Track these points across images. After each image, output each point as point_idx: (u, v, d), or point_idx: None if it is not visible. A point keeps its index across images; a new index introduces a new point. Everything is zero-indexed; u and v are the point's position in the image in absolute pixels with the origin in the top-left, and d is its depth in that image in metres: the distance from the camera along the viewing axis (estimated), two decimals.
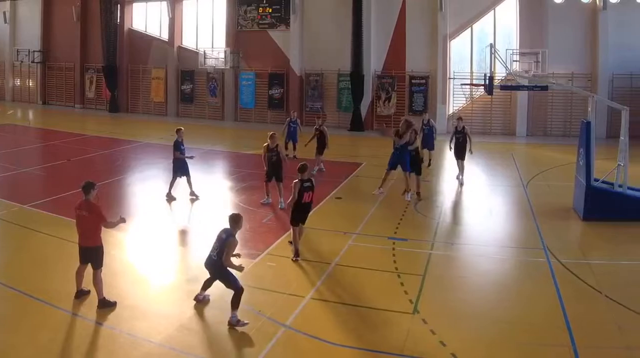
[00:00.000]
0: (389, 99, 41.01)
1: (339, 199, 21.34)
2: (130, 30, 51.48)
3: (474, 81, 38.53)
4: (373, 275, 14.22)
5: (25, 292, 12.59)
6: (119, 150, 31.89)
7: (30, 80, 56.83)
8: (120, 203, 20.99)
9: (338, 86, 42.36)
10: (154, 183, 23.14)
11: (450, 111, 40.22)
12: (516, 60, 36.00)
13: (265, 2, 44.79)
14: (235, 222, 11.70)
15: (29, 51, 54.52)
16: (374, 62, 41.21)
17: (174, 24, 48.39)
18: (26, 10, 55.93)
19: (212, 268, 11.60)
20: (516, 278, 14.54)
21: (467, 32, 40.23)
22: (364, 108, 41.24)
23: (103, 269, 12.16)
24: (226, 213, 19.76)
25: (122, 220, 12.33)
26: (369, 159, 29.38)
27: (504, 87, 26.75)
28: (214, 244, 11.60)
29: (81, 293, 12.37)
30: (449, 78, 40.11)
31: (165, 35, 49.50)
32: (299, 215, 15.19)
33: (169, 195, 21.04)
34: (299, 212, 15.18)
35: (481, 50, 39.33)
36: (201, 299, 12.18)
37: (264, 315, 11.70)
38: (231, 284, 11.37)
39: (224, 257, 11.25)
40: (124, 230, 17.24)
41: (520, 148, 34.96)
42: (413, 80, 40.49)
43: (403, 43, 40.88)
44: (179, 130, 21.33)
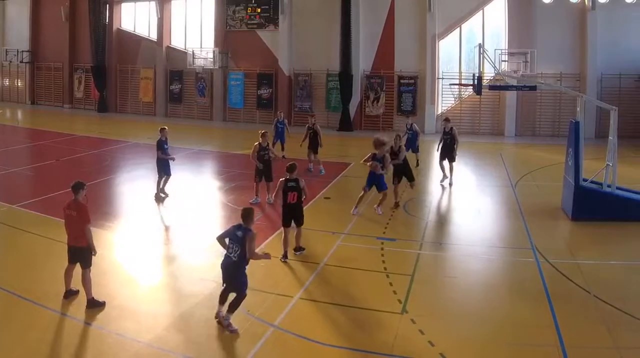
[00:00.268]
0: (378, 99, 41.03)
1: (327, 199, 21.35)
2: (119, 30, 51.25)
3: (463, 81, 38.47)
4: (362, 275, 14.25)
5: (14, 292, 12.56)
6: (107, 150, 31.80)
7: (19, 80, 56.48)
8: (109, 203, 21.02)
9: (327, 86, 42.33)
10: (142, 183, 23.07)
11: (439, 111, 40.22)
12: (505, 60, 35.92)
13: (253, 2, 44.69)
14: (249, 216, 11.35)
15: (18, 51, 54.17)
16: (362, 62, 41.21)
17: (163, 24, 48.22)
18: (15, 10, 55.61)
19: (230, 269, 11.14)
20: (505, 278, 14.61)
21: (456, 32, 40.28)
22: (352, 108, 41.19)
23: (92, 269, 12.13)
24: (215, 213, 20.05)
25: (94, 252, 12.19)
26: (358, 159, 29.02)
27: (492, 87, 26.77)
28: (230, 245, 11.22)
29: (70, 293, 12.37)
30: (438, 78, 40.13)
31: (154, 35, 49.35)
32: (285, 216, 15.17)
33: (158, 195, 21.07)
34: (285, 213, 15.18)
35: (470, 50, 39.34)
36: (222, 316, 11.33)
37: (252, 315, 11.70)
38: (240, 287, 11.16)
39: (248, 252, 10.98)
40: (112, 230, 17.36)
41: (509, 148, 35.03)
42: (402, 80, 40.53)
43: (392, 43, 40.89)
44: (162, 130, 21.38)
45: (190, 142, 33.98)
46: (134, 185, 23.61)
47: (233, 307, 11.07)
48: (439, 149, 24.18)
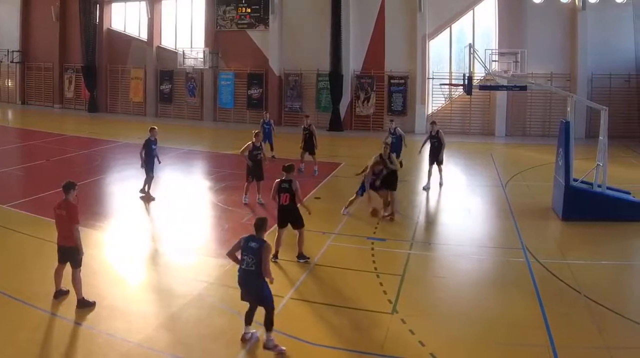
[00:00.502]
0: (368, 99, 41.10)
1: (317, 199, 21.30)
2: (109, 30, 51.12)
3: (453, 81, 38.63)
4: (352, 275, 14.25)
5: (4, 291, 12.50)
6: (97, 150, 31.66)
7: (9, 80, 56.26)
8: (99, 203, 20.96)
9: (317, 86, 42.38)
10: (132, 183, 22.94)
11: (430, 111, 40.33)
12: (495, 60, 35.92)
13: (244, 2, 44.69)
14: (262, 226, 10.73)
15: (8, 51, 54.01)
16: (353, 62, 41.25)
17: (153, 24, 48.14)
18: (5, 10, 55.23)
19: (251, 280, 10.41)
20: (495, 278, 14.60)
21: (446, 32, 40.39)
22: (343, 108, 41.26)
23: (82, 269, 12.12)
24: (205, 213, 19.98)
25: (82, 253, 12.17)
26: (348, 159, 29.36)
27: (483, 87, 26.82)
28: (244, 257, 10.45)
29: (60, 293, 12.34)
30: (428, 78, 40.21)
31: (144, 35, 49.27)
32: (279, 217, 15.05)
33: (148, 194, 21.11)
34: (279, 214, 15.06)
35: (460, 50, 39.45)
36: (248, 338, 10.74)
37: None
38: (266, 300, 10.46)
39: (262, 267, 10.30)
40: (103, 230, 17.30)
41: (499, 148, 35.11)
42: (392, 80, 40.63)
43: (382, 43, 40.96)
44: (152, 129, 21.36)
45: (180, 142, 33.94)
46: (124, 185, 23.50)
47: (268, 325, 10.42)
48: (420, 151, 24.13)
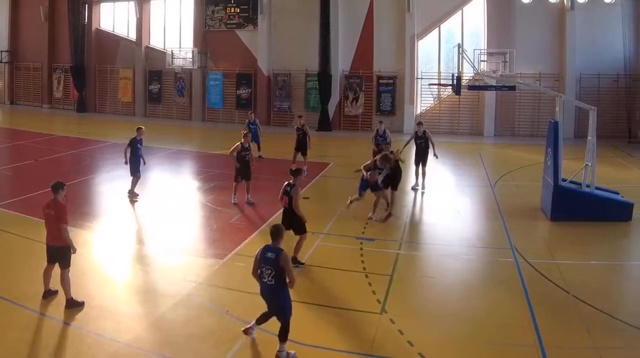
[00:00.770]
0: (357, 99, 41.08)
1: (306, 199, 21.19)
2: (98, 30, 50.96)
3: (442, 81, 38.74)
4: (341, 275, 14.24)
5: None
6: (86, 150, 31.57)
7: None
8: (88, 203, 20.90)
9: (306, 86, 42.37)
10: (121, 183, 22.79)
11: (418, 111, 40.35)
12: (484, 61, 36.13)
13: (233, 2, 44.63)
14: (279, 234, 10.54)
15: None
16: (341, 62, 41.26)
17: (142, 24, 48.01)
18: None
19: (271, 295, 10.30)
20: (484, 278, 14.62)
21: (435, 32, 40.40)
22: (331, 108, 41.28)
23: (71, 269, 12.12)
24: (194, 212, 19.90)
25: (74, 250, 12.18)
26: (337, 159, 29.38)
27: (471, 87, 26.84)
28: (262, 270, 10.27)
29: (49, 293, 12.33)
30: (417, 78, 40.25)
31: (133, 35, 49.11)
32: (282, 219, 14.90)
33: (133, 193, 21.14)
34: (282, 216, 14.99)
35: (449, 50, 39.57)
36: (249, 334, 10.81)
37: (231, 315, 11.71)
38: (283, 312, 10.33)
39: (288, 278, 10.13)
40: (91, 230, 17.25)
41: (488, 148, 35.16)
42: (381, 80, 40.65)
43: (371, 43, 40.99)
44: (139, 129, 21.40)
45: (169, 142, 33.79)
46: (113, 185, 23.38)
47: (282, 336, 10.28)
48: (401, 151, 23.94)
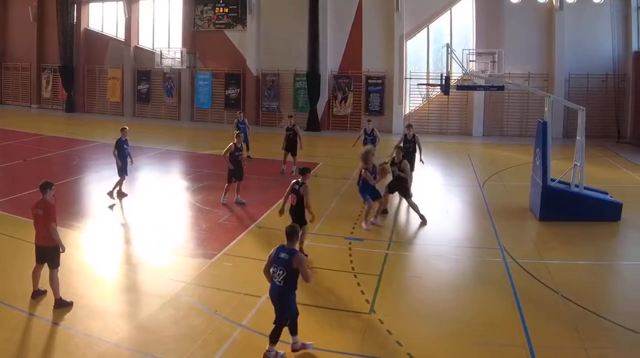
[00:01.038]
0: (346, 99, 41.09)
1: None
2: (87, 30, 50.79)
3: (431, 81, 38.66)
4: (330, 275, 14.25)
5: None
6: (75, 150, 31.49)
7: None
8: (77, 203, 20.91)
9: (294, 86, 42.35)
10: (110, 183, 22.67)
11: (407, 111, 40.41)
12: (473, 60, 36.19)
13: (221, 2, 44.55)
14: (294, 235, 10.42)
15: None
16: (330, 62, 41.25)
17: (131, 24, 47.90)
18: None
19: (278, 297, 10.15)
20: (473, 278, 14.63)
21: (424, 32, 40.47)
22: (320, 108, 41.23)
23: (59, 269, 12.10)
24: (183, 212, 19.83)
25: (63, 249, 12.17)
26: (325, 159, 29.39)
27: (460, 87, 26.84)
28: (274, 269, 10.14)
29: (38, 293, 12.33)
30: (406, 78, 40.25)
31: (121, 35, 48.99)
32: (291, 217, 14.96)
33: (117, 193, 21.19)
34: (290, 214, 15.04)
35: (437, 50, 39.61)
36: (273, 356, 10.22)
37: (220, 315, 11.69)
38: (289, 315, 10.24)
39: (304, 278, 10.10)
40: (80, 230, 17.21)
41: (477, 148, 35.24)
42: (369, 80, 40.66)
43: (359, 43, 41.01)
44: (123, 129, 21.49)
45: (158, 142, 33.75)
46: (102, 185, 23.21)
47: (293, 330, 10.40)
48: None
